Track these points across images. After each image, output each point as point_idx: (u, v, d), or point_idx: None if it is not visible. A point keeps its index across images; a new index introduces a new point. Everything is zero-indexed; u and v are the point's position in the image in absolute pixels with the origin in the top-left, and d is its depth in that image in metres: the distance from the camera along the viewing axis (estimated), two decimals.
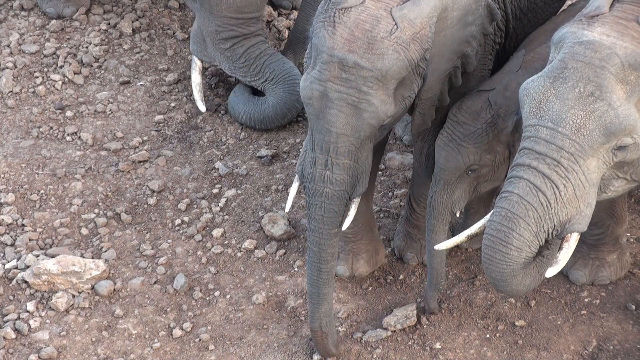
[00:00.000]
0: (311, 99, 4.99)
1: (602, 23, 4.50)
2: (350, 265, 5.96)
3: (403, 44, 4.92)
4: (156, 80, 7.46)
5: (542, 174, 4.50)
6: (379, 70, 4.89)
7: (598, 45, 4.42)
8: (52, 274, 5.95)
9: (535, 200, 4.54)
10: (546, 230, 4.58)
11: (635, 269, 6.02)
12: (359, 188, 5.16)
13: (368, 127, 4.99)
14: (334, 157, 5.04)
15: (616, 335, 5.69)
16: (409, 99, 5.12)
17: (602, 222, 5.78)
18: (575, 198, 4.52)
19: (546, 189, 4.52)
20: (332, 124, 4.98)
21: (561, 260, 4.65)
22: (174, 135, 7.06)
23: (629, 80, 4.42)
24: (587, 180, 4.51)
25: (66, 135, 7.04)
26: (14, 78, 7.41)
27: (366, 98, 4.93)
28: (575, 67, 4.45)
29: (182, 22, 7.92)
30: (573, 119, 4.42)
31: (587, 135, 4.43)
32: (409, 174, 6.60)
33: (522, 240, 4.58)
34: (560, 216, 4.55)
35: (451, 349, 5.66)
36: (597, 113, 4.41)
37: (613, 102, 4.40)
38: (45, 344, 5.74)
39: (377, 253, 6.02)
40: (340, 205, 5.15)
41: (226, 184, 6.71)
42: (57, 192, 6.64)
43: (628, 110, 4.41)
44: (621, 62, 4.40)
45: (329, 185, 5.09)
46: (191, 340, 5.78)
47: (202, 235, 6.36)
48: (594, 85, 4.41)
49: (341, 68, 4.91)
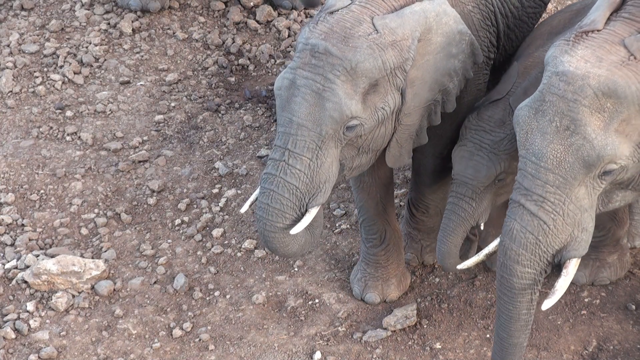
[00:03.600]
0: (280, 89, 4.96)
1: (585, 46, 4.51)
2: (381, 291, 5.92)
3: (380, 45, 4.89)
4: (156, 80, 7.46)
5: (530, 212, 4.58)
6: (349, 61, 4.84)
7: (571, 77, 4.44)
8: (52, 274, 5.95)
9: (526, 240, 4.62)
10: (545, 260, 4.66)
11: (635, 269, 6.02)
12: (319, 197, 4.99)
13: (330, 120, 4.87)
14: (291, 149, 4.92)
15: (616, 335, 5.69)
16: (382, 111, 5.00)
17: (603, 224, 5.78)
18: (567, 226, 4.59)
19: (533, 227, 4.59)
20: (295, 112, 4.89)
21: (558, 289, 4.69)
22: (174, 135, 7.06)
23: (606, 108, 4.44)
24: (577, 208, 4.57)
25: (66, 135, 7.04)
26: (14, 78, 7.41)
27: (330, 87, 4.86)
28: (551, 101, 4.49)
29: (182, 22, 7.93)
30: (553, 154, 4.50)
31: (568, 168, 4.50)
32: (408, 173, 6.60)
33: (523, 272, 4.67)
34: (554, 246, 4.62)
35: (451, 349, 5.66)
36: (574, 147, 4.46)
37: (588, 134, 4.43)
38: (45, 344, 5.74)
39: (404, 277, 6.00)
40: (289, 200, 4.95)
41: (226, 184, 6.71)
42: (57, 192, 6.64)
43: (605, 140, 4.44)
44: (594, 93, 4.41)
45: (281, 175, 4.93)
46: (191, 340, 5.78)
47: (202, 235, 6.36)
48: (568, 120, 4.45)
49: (312, 54, 4.90)
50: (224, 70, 7.56)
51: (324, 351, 5.69)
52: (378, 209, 5.76)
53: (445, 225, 5.27)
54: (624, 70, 4.40)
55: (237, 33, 7.87)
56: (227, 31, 7.89)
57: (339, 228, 6.38)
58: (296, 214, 5.00)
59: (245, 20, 7.95)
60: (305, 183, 4.95)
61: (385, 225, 5.80)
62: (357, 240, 6.29)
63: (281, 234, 5.01)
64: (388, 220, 5.79)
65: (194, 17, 7.97)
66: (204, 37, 7.80)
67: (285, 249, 5.08)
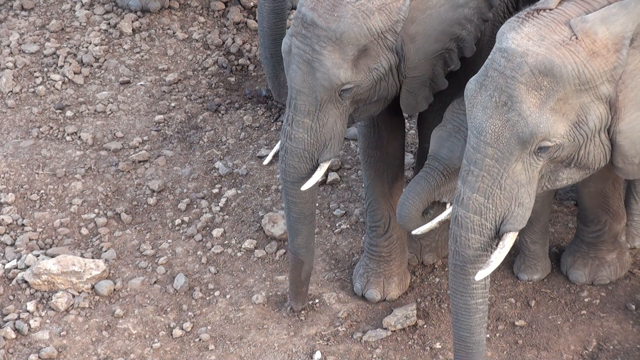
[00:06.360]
0: (284, 52, 5.19)
1: (533, 24, 4.58)
2: (382, 289, 5.93)
3: (366, 12, 4.99)
4: (156, 80, 7.46)
5: (470, 188, 4.69)
6: (333, 32, 4.99)
7: (511, 54, 4.52)
8: (52, 273, 5.95)
9: (470, 210, 4.74)
10: (488, 232, 4.77)
11: (635, 269, 6.02)
12: (326, 153, 5.26)
13: (322, 89, 5.07)
14: (294, 114, 5.19)
15: (616, 335, 5.69)
16: (376, 71, 5.13)
17: (598, 218, 5.79)
18: (504, 200, 4.69)
19: (476, 206, 4.70)
20: (292, 79, 5.13)
21: (494, 260, 4.77)
22: (174, 135, 7.06)
23: (542, 86, 4.51)
24: (515, 182, 4.66)
25: (66, 135, 7.04)
26: (14, 78, 7.41)
27: (318, 57, 5.04)
28: (492, 76, 4.58)
29: (182, 22, 7.93)
30: (492, 128, 4.59)
31: (505, 143, 4.59)
32: (408, 173, 6.60)
33: (474, 240, 4.78)
34: (494, 218, 4.73)
35: (451, 349, 5.65)
36: (511, 122, 4.56)
37: (523, 111, 4.52)
38: (45, 343, 5.74)
39: (405, 277, 6.00)
40: (300, 162, 5.28)
41: (226, 184, 6.71)
42: (57, 192, 6.64)
43: (539, 118, 4.52)
44: (530, 71, 4.49)
45: (288, 141, 5.25)
46: (191, 340, 5.78)
47: (202, 235, 6.36)
48: (506, 96, 4.54)
49: (302, 24, 5.06)
50: (224, 70, 7.57)
51: (324, 351, 5.69)
52: (384, 189, 5.78)
53: (412, 187, 5.30)
54: (562, 50, 4.48)
55: (237, 33, 7.87)
56: (227, 31, 7.89)
57: (339, 228, 6.38)
58: (308, 171, 5.32)
59: (245, 20, 7.95)
60: (310, 144, 5.23)
61: (390, 212, 5.81)
62: (357, 240, 6.29)
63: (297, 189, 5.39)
64: (393, 208, 5.79)
65: (194, 17, 7.97)
66: (204, 37, 7.80)
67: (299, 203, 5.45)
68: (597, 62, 4.51)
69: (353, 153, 6.87)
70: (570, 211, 6.40)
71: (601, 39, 4.51)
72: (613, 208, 5.77)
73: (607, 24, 4.51)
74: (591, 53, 4.50)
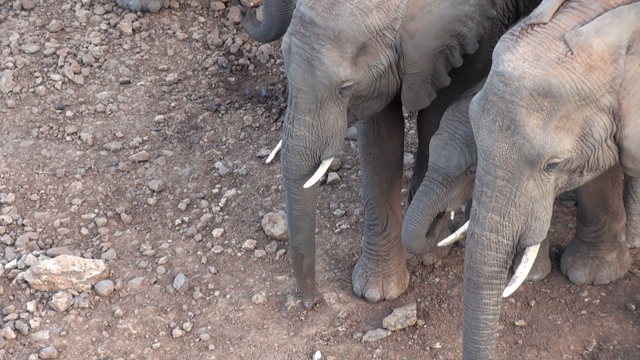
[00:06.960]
0: (284, 51, 5.22)
1: (527, 42, 4.55)
2: (381, 288, 5.93)
3: (364, 9, 5.02)
4: (156, 80, 7.46)
5: (485, 208, 4.69)
6: (332, 30, 5.01)
7: (508, 78, 4.50)
8: (52, 273, 5.95)
9: (486, 229, 4.75)
10: (505, 249, 4.77)
11: (635, 269, 6.02)
12: (327, 150, 5.29)
13: (322, 87, 5.10)
14: (295, 112, 5.23)
15: (616, 335, 5.69)
16: (376, 68, 5.15)
17: (597, 218, 5.79)
18: (520, 217, 4.70)
19: (492, 224, 4.71)
20: (293, 78, 5.16)
21: (519, 276, 4.80)
22: (174, 135, 7.06)
23: (544, 107, 4.50)
24: (529, 199, 4.68)
25: (66, 135, 7.04)
26: (14, 78, 7.41)
27: (317, 56, 5.07)
28: (492, 101, 4.58)
29: (182, 22, 7.93)
30: (499, 151, 4.60)
31: (514, 165, 4.60)
32: (408, 173, 6.60)
33: (490, 257, 4.78)
34: (512, 235, 4.74)
35: (451, 349, 5.66)
36: (517, 145, 4.56)
37: (527, 134, 4.52)
38: (45, 343, 5.74)
39: (404, 276, 6.01)
40: (301, 160, 5.32)
41: (226, 184, 6.71)
42: (57, 192, 6.64)
43: (544, 138, 4.52)
44: (529, 94, 4.47)
45: (290, 139, 5.29)
46: (191, 340, 5.78)
47: (202, 235, 6.36)
48: (509, 120, 4.54)
49: (301, 23, 5.09)
50: (224, 70, 7.57)
51: (324, 351, 5.69)
52: (382, 187, 5.78)
53: (415, 205, 5.30)
54: (558, 69, 4.46)
55: (237, 33, 7.87)
56: (227, 31, 7.89)
57: (339, 228, 6.38)
58: (310, 169, 5.35)
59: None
60: (312, 141, 5.26)
61: (388, 211, 5.82)
62: (357, 240, 6.29)
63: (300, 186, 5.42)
64: (391, 206, 5.80)
65: (194, 17, 7.98)
66: (204, 37, 7.80)
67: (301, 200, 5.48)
68: (595, 75, 4.49)
69: (353, 153, 6.87)
70: (570, 211, 6.40)
71: (597, 52, 4.48)
72: (612, 208, 5.77)
73: (602, 35, 4.47)
74: (588, 67, 4.48)
